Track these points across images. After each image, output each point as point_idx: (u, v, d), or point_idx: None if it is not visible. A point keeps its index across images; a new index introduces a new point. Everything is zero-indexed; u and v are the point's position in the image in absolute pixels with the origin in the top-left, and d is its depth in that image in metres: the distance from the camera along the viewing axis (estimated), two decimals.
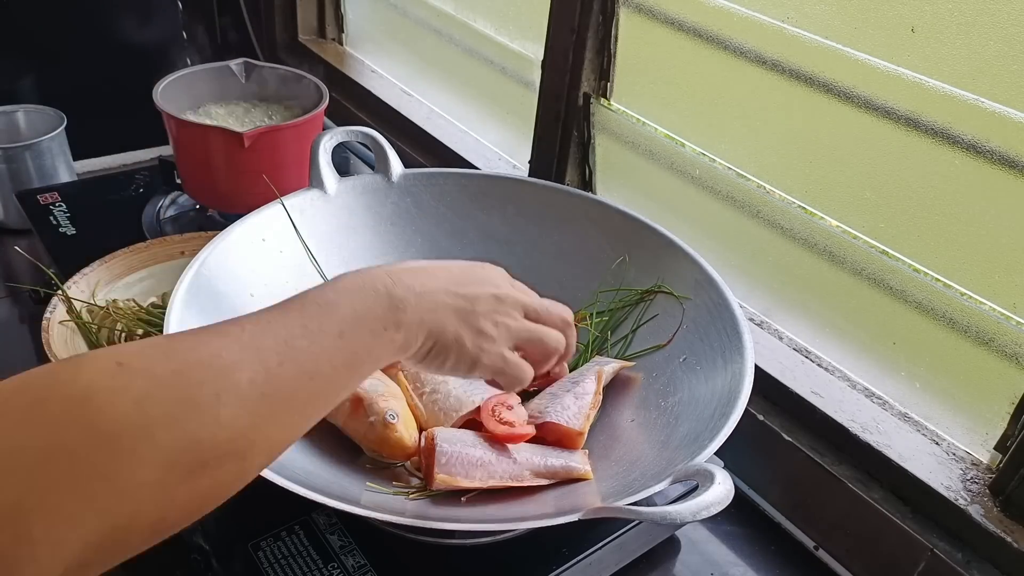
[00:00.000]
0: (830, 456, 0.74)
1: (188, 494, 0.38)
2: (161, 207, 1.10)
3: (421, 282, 0.51)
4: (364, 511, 0.56)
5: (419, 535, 0.65)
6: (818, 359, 0.81)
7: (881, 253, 0.73)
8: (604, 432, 0.71)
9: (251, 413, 0.40)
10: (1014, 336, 0.65)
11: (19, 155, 1.05)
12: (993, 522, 0.65)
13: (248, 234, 0.78)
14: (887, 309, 0.73)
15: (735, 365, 0.67)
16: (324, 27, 1.48)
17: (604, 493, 0.63)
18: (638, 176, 0.95)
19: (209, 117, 1.09)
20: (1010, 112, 0.61)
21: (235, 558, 0.63)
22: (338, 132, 0.85)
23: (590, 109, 0.95)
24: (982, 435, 0.70)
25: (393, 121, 1.28)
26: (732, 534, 0.78)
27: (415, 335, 0.50)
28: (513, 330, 0.56)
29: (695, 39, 0.83)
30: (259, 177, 0.93)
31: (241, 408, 0.39)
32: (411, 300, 0.50)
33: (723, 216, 0.85)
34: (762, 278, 0.84)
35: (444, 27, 1.22)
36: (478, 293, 0.55)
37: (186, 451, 0.37)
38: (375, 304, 0.48)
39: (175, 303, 0.67)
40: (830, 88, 0.72)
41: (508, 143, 1.15)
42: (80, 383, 0.36)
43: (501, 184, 0.88)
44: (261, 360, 0.41)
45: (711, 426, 0.62)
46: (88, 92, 1.28)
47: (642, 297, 0.79)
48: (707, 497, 0.50)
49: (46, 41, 1.27)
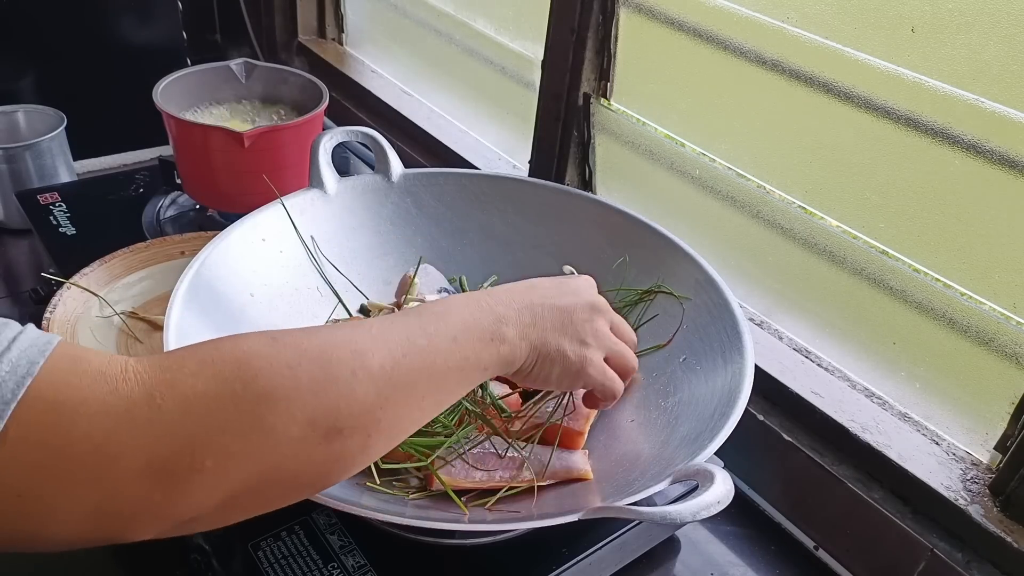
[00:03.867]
0: (830, 456, 0.74)
1: (322, 456, 0.43)
2: (161, 207, 1.10)
3: (518, 299, 0.54)
4: (364, 511, 0.56)
5: (419, 535, 0.65)
6: (818, 359, 0.81)
7: (881, 253, 0.73)
8: (604, 432, 0.71)
9: (379, 394, 0.45)
10: (1014, 336, 0.65)
11: (19, 155, 1.05)
12: (993, 522, 0.65)
13: (248, 234, 0.78)
14: (887, 309, 0.73)
15: (735, 365, 0.67)
16: (324, 27, 1.48)
17: (604, 493, 0.63)
18: (638, 176, 0.95)
19: (209, 117, 1.09)
20: (1010, 112, 0.61)
21: (235, 558, 0.63)
22: (338, 132, 0.85)
23: (590, 109, 0.95)
24: (982, 435, 0.70)
25: (393, 121, 1.28)
26: (732, 534, 0.78)
27: (519, 348, 0.53)
28: (607, 341, 0.58)
29: (695, 39, 0.83)
30: (259, 177, 0.93)
31: (372, 387, 0.44)
32: (511, 315, 0.53)
33: (723, 216, 0.85)
34: (762, 278, 0.84)
35: (444, 27, 1.22)
36: (575, 303, 0.57)
37: (326, 415, 0.43)
38: (482, 316, 0.52)
39: (175, 303, 0.67)
40: (830, 88, 0.72)
41: (508, 143, 1.15)
42: (241, 349, 0.42)
43: (501, 184, 0.88)
44: (389, 350, 0.46)
45: (711, 426, 0.62)
46: (88, 92, 1.28)
47: (642, 297, 0.79)
48: (707, 497, 0.50)
49: (46, 41, 1.27)
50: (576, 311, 0.56)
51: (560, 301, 0.56)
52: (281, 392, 0.41)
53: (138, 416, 0.38)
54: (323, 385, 0.43)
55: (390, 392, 0.45)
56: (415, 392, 0.47)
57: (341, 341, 0.45)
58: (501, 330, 0.52)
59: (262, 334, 0.44)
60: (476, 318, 0.51)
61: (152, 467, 0.38)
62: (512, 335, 0.52)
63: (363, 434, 0.45)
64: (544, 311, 0.55)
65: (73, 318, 0.86)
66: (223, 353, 0.42)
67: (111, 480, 0.38)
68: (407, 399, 0.47)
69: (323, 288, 0.82)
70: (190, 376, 0.40)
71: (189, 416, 0.39)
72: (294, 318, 0.78)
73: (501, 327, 0.52)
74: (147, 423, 0.38)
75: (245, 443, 0.40)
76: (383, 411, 0.45)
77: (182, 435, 0.39)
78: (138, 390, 0.39)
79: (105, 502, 0.38)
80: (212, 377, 0.40)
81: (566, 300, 0.56)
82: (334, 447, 0.43)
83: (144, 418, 0.38)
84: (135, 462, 0.38)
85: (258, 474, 0.41)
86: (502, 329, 0.52)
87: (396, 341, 0.47)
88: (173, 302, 0.67)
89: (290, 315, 0.78)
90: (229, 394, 0.40)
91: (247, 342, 0.43)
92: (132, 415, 0.38)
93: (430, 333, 0.48)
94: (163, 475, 0.38)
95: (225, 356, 0.41)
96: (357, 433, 0.44)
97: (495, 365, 0.52)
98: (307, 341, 0.44)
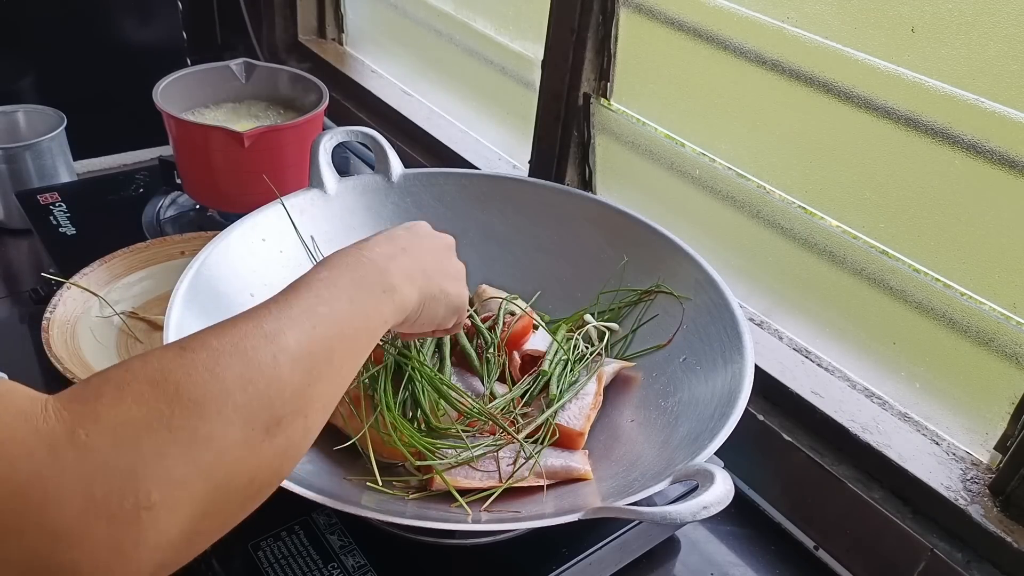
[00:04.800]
0: (830, 456, 0.74)
1: (270, 451, 0.41)
2: (161, 207, 1.10)
3: (387, 251, 0.55)
4: (364, 511, 0.56)
5: (419, 535, 0.65)
6: (818, 359, 0.81)
7: (881, 253, 0.73)
8: (604, 432, 0.71)
9: (304, 371, 0.44)
10: (1014, 336, 0.65)
11: (19, 155, 1.05)
12: (993, 522, 0.65)
13: (248, 234, 0.78)
14: (887, 309, 0.73)
15: (735, 365, 0.67)
16: (324, 27, 1.48)
17: (604, 493, 0.63)
18: (638, 176, 0.95)
19: (209, 117, 1.09)
20: (1010, 112, 0.61)
21: (235, 558, 0.63)
22: (338, 132, 0.85)
23: (590, 109, 0.95)
24: (982, 435, 0.70)
25: (393, 121, 1.28)
26: (732, 534, 0.78)
27: (409, 294, 0.54)
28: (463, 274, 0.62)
29: (695, 39, 0.83)
30: (259, 177, 0.92)
31: (296, 366, 0.43)
32: (393, 266, 0.53)
33: (723, 216, 0.85)
34: (762, 278, 0.84)
35: (444, 27, 1.22)
36: (438, 244, 0.60)
37: (261, 408, 0.41)
38: (367, 273, 0.52)
39: (175, 303, 0.67)
40: (830, 88, 0.72)
41: (508, 143, 1.15)
42: (153, 366, 0.39)
43: (501, 184, 0.88)
44: (298, 326, 0.45)
45: (711, 426, 0.62)
46: (88, 92, 1.28)
47: (642, 297, 0.79)
48: (707, 497, 0.50)
49: (46, 41, 1.27)
50: (441, 251, 0.60)
51: (427, 243, 0.59)
52: (209, 398, 0.39)
53: (64, 456, 0.34)
54: (249, 378, 0.41)
55: (313, 367, 0.44)
56: (334, 361, 0.46)
57: (250, 330, 0.43)
58: (389, 281, 0.52)
59: (168, 347, 0.41)
60: (363, 275, 0.51)
61: (91, 511, 0.34)
62: (400, 283, 0.53)
63: (301, 416, 0.43)
64: (419, 255, 0.56)
65: (73, 318, 0.86)
66: (136, 375, 0.39)
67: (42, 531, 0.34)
68: (329, 369, 0.46)
69: None
70: (110, 405, 0.37)
71: (120, 448, 0.36)
72: None
73: (388, 278, 0.52)
74: (76, 462, 0.35)
75: (188, 462, 0.37)
76: (313, 388, 0.44)
77: (118, 470, 0.35)
78: (59, 428, 0.35)
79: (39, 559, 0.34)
80: (134, 402, 0.37)
81: (430, 242, 0.59)
82: (278, 440, 0.42)
83: (71, 457, 0.35)
84: (70, 508, 0.34)
85: (211, 492, 0.38)
86: (390, 280, 0.52)
87: (300, 316, 0.45)
88: (173, 302, 0.67)
89: None
90: (156, 415, 0.37)
91: (156, 358, 0.40)
92: (57, 455, 0.34)
93: (327, 299, 0.48)
94: (108, 519, 0.34)
95: (139, 377, 0.38)
96: (296, 417, 0.43)
97: (392, 315, 0.53)
98: (216, 339, 0.42)
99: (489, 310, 0.78)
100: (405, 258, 0.55)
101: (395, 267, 0.53)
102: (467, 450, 0.64)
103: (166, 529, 0.36)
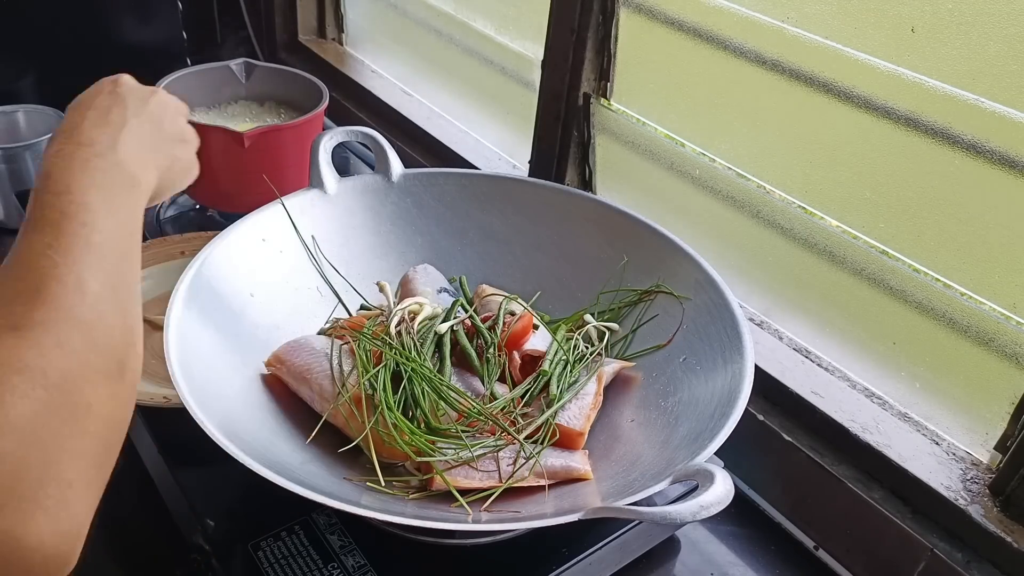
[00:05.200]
0: (830, 456, 0.74)
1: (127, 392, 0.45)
2: (161, 207, 1.10)
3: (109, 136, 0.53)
4: (364, 511, 0.56)
5: (419, 535, 0.65)
6: (818, 359, 0.81)
7: (881, 253, 0.73)
8: (604, 432, 0.71)
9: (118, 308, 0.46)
10: (1014, 336, 0.65)
11: (19, 155, 1.05)
12: (993, 522, 0.65)
13: (248, 234, 0.78)
14: (887, 309, 0.73)
15: (735, 365, 0.67)
16: (324, 27, 1.48)
17: (604, 493, 0.63)
18: (638, 176, 0.95)
19: (209, 117, 1.09)
20: (1010, 112, 0.61)
21: (235, 558, 0.63)
22: (338, 132, 0.85)
23: (590, 109, 0.95)
24: (982, 435, 0.70)
25: (393, 121, 1.28)
26: (732, 534, 0.78)
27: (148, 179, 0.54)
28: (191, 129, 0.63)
29: (695, 39, 0.83)
30: (259, 177, 0.92)
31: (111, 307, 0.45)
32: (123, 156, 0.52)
33: (723, 216, 0.85)
34: (762, 278, 0.84)
35: (444, 27, 1.22)
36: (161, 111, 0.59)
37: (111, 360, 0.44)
38: (107, 175, 0.51)
39: (175, 303, 0.67)
40: (830, 88, 0.72)
41: (508, 143, 1.15)
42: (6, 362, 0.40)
43: (501, 184, 0.88)
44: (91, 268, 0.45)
45: (711, 426, 0.62)
46: None
47: (642, 297, 0.79)
48: (707, 497, 0.50)
49: (46, 41, 1.27)
50: (165, 118, 0.59)
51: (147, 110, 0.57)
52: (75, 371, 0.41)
53: None
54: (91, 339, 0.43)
55: (120, 299, 0.46)
56: (128, 282, 0.48)
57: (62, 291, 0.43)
58: (130, 173, 0.52)
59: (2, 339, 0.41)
60: (108, 183, 0.50)
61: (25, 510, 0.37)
62: (138, 170, 0.53)
63: (133, 347, 0.46)
64: (137, 128, 0.55)
65: None
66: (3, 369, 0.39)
67: None
68: (128, 293, 0.47)
69: (323, 288, 0.82)
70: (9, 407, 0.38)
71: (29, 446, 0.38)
72: (294, 318, 0.78)
73: (127, 170, 0.52)
74: None
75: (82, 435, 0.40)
76: (128, 317, 0.46)
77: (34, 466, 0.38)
78: None
79: None
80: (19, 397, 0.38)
81: (151, 109, 0.58)
82: (128, 377, 0.45)
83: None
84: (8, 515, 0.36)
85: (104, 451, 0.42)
86: (129, 171, 0.52)
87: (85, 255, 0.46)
88: (173, 302, 0.67)
89: (290, 315, 0.78)
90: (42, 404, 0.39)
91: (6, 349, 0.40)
92: None
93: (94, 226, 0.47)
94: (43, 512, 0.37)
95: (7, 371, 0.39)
96: (130, 350, 0.45)
97: (143, 203, 0.53)
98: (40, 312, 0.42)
99: (489, 310, 0.78)
100: (129, 137, 0.54)
101: (126, 154, 0.52)
102: (467, 450, 0.64)
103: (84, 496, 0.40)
